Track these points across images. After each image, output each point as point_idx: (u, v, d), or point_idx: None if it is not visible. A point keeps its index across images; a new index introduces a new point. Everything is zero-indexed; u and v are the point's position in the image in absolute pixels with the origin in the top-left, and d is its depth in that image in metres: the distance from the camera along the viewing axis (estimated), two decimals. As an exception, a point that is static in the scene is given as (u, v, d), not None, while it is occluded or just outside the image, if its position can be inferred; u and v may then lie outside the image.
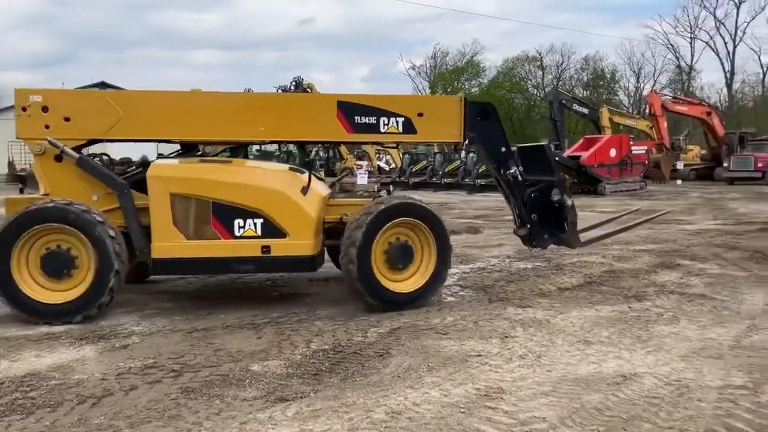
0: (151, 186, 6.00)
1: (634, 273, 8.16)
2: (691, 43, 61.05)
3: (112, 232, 5.79)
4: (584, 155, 24.21)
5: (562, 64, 67.82)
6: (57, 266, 5.78)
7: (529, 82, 70.13)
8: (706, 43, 60.23)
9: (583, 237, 7.58)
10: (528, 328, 5.64)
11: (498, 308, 6.38)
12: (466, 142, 6.95)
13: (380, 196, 6.90)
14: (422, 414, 3.81)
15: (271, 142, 7.18)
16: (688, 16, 61.08)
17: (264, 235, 6.08)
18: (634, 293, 7.01)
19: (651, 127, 32.24)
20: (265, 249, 6.10)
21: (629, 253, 9.67)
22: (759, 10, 58.45)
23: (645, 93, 57.37)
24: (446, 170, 27.44)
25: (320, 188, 6.70)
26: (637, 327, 5.66)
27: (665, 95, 36.73)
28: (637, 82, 65.42)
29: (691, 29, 60.57)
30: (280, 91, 32.09)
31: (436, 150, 32.77)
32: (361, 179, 21.45)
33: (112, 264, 5.75)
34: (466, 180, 26.01)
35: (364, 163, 33.64)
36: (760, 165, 29.16)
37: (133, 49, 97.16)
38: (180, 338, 5.40)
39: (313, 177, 6.47)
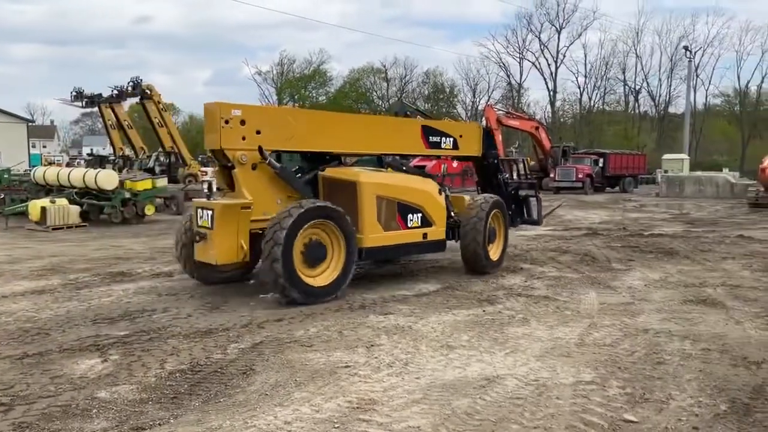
0: (362, 191, 7.47)
1: (484, 278, 8.56)
2: (520, 63, 66.39)
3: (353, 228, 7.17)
4: (429, 165, 25.25)
5: (405, 76, 70.58)
6: (315, 255, 6.90)
7: (375, 93, 72.07)
8: (533, 63, 65.92)
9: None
10: (392, 336, 5.66)
11: (360, 316, 6.35)
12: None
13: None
14: (295, 433, 3.63)
15: (385, 154, 8.87)
16: (517, 37, 66.14)
17: (422, 225, 8.14)
18: (486, 297, 7.34)
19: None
20: (424, 235, 8.17)
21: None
22: (576, 37, 65.15)
23: (481, 107, 61.35)
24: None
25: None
26: (493, 330, 5.91)
27: (499, 110, 39.46)
28: (474, 96, 69.86)
29: (519, 50, 65.89)
30: (115, 92, 29.97)
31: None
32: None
33: (354, 253, 7.12)
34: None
35: (210, 170, 32.37)
36: (580, 176, 32.36)
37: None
38: (8, 366, 4.73)
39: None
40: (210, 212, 6.89)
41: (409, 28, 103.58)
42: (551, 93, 65.50)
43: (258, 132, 6.99)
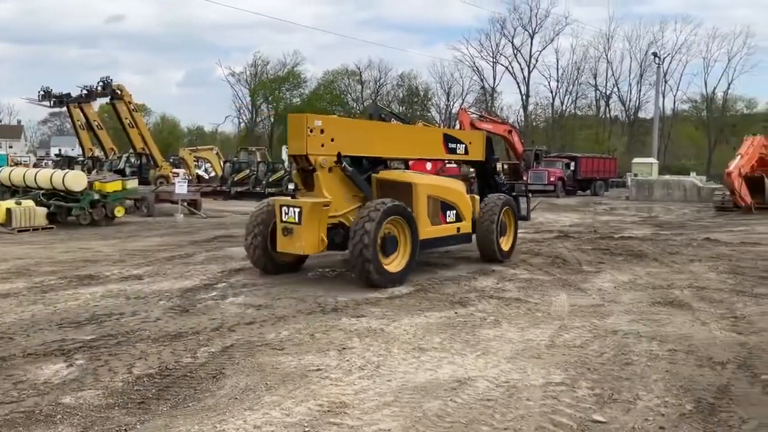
0: (417, 191, 8.82)
1: (456, 280, 8.61)
2: (493, 67, 66.80)
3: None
4: (403, 167, 25.29)
5: (379, 79, 70.63)
6: (389, 246, 8.01)
7: (349, 95, 71.98)
8: (506, 67, 66.41)
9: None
10: (364, 338, 5.65)
11: (333, 319, 6.33)
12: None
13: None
14: (264, 437, 3.59)
15: (417, 159, 10.78)
16: (490, 42, 66.52)
17: (456, 221, 9.53)
18: (458, 299, 7.37)
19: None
20: (458, 229, 9.59)
21: (450, 261, 10.20)
22: (548, 42, 65.89)
23: (454, 110, 61.67)
24: (270, 180, 27.02)
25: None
26: (465, 332, 5.94)
27: (473, 113, 39.73)
28: (448, 100, 70.14)
29: (493, 54, 66.33)
30: (85, 92, 29.42)
31: (258, 159, 32.17)
32: (180, 187, 20.27)
33: (417, 245, 8.34)
34: (290, 189, 25.83)
35: (182, 171, 32.02)
36: (552, 179, 32.74)
37: None
38: (-32, 372, 4.59)
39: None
40: (298, 210, 7.88)
41: (383, 31, 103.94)
42: (524, 97, 66.18)
43: (332, 140, 8.02)
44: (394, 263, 8.14)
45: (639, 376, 4.74)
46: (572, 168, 35.33)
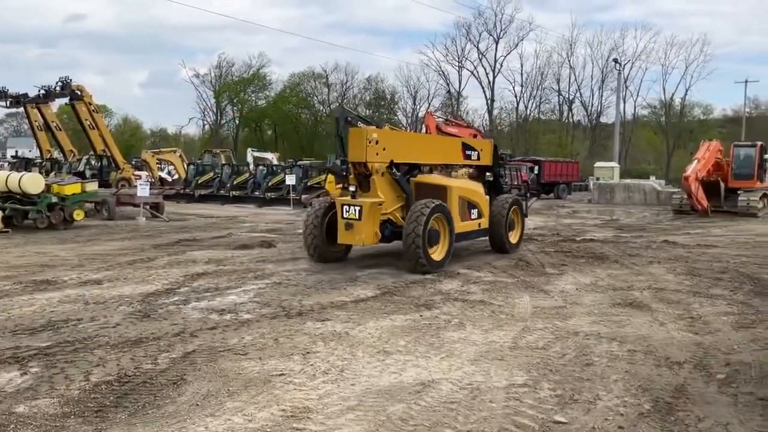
0: (451, 193, 10.49)
1: (422, 282, 8.63)
2: (459, 71, 67.33)
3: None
4: (369, 170, 25.28)
5: (346, 82, 70.47)
6: (433, 238, 9.46)
7: (316, 98, 71.67)
8: (471, 72, 67.00)
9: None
10: (329, 342, 5.62)
11: (297, 323, 6.28)
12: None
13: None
14: (226, 444, 3.54)
15: (443, 165, 11.81)
16: (456, 46, 67.03)
17: (478, 217, 11.17)
18: (423, 302, 7.40)
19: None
20: (479, 225, 11.23)
21: (416, 264, 10.22)
22: (513, 47, 66.64)
23: (421, 114, 61.98)
24: (234, 182, 26.74)
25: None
26: (430, 334, 5.95)
27: (439, 117, 39.99)
28: (414, 103, 70.32)
29: (458, 59, 66.88)
30: (42, 92, 28.68)
31: (223, 161, 31.81)
32: (142, 190, 19.87)
33: (453, 238, 9.93)
34: (256, 193, 25.60)
35: (144, 173, 31.44)
36: (516, 183, 33.07)
37: None
38: None
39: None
40: (358, 208, 9.36)
41: (350, 35, 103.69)
42: (489, 101, 66.80)
43: (384, 149, 9.46)
44: (437, 253, 9.62)
45: (599, 376, 4.81)
46: (536, 172, 35.81)
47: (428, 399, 4.28)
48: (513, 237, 12.02)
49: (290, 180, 23.80)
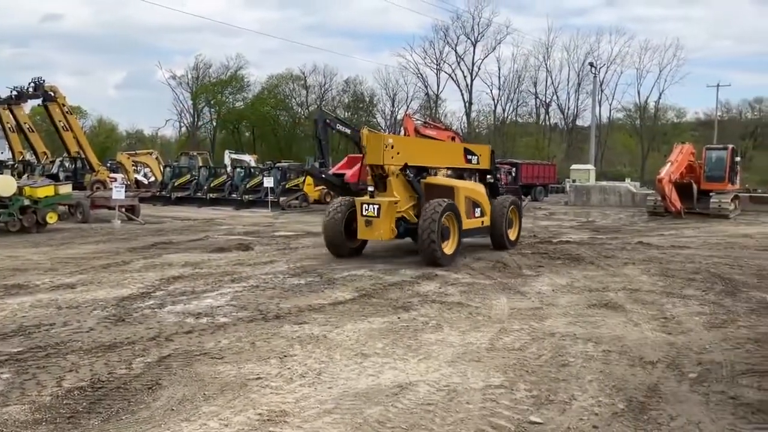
0: (458, 193, 11.42)
1: (400, 285, 8.64)
2: (437, 74, 67.63)
3: None
4: (348, 173, 25.18)
5: (324, 84, 70.34)
6: (445, 234, 10.41)
7: (294, 100, 71.46)
8: (449, 75, 67.34)
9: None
10: (306, 345, 5.60)
11: (274, 327, 6.25)
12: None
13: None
14: (201, 449, 3.51)
15: (449, 168, 13.08)
16: (434, 49, 67.30)
17: (481, 216, 11.99)
18: (401, 304, 7.41)
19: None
20: (482, 222, 12.06)
21: (394, 266, 10.24)
22: (490, 50, 67.13)
23: (399, 116, 62.11)
24: (212, 185, 26.52)
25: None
26: (407, 336, 5.96)
27: (417, 119, 40.09)
28: (393, 106, 70.43)
29: (437, 62, 67.16)
30: (15, 92, 28.20)
31: (200, 164, 31.53)
32: (117, 193, 19.61)
33: (461, 234, 10.89)
34: (233, 195, 25.41)
35: (119, 176, 31.06)
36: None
37: None
38: None
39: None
40: (377, 206, 10.33)
41: (328, 37, 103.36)
42: (467, 104, 67.20)
43: (398, 153, 10.51)
44: (448, 247, 10.55)
45: (575, 377, 4.87)
46: (513, 174, 36.07)
47: (405, 401, 4.28)
48: (512, 234, 12.94)
49: (268, 182, 23.69)
